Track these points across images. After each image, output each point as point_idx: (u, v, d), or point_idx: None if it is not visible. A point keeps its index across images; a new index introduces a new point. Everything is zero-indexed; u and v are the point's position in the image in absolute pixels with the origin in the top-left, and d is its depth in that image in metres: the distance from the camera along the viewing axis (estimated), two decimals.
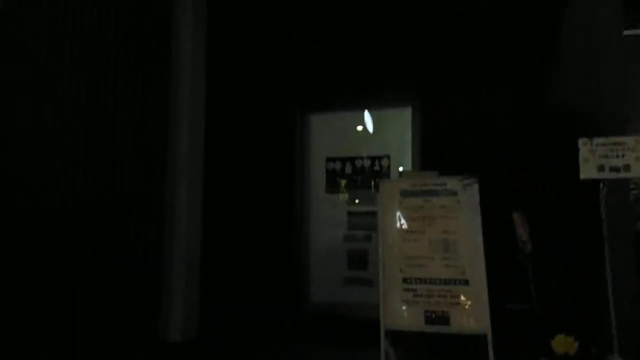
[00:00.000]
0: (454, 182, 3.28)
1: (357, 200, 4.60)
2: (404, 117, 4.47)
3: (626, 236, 3.48)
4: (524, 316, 3.37)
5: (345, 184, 4.63)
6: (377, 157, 4.57)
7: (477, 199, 3.19)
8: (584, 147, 3.10)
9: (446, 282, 3.11)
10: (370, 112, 4.66)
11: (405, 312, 3.13)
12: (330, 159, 4.70)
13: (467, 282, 3.08)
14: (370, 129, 4.67)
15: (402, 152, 4.46)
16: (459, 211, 3.22)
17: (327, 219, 4.66)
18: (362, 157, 4.62)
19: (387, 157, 4.55)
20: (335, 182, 4.67)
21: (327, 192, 4.68)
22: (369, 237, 4.47)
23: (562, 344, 3.03)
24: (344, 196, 4.64)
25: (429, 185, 3.32)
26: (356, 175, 4.62)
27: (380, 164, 4.56)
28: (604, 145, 3.07)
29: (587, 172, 3.08)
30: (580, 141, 3.10)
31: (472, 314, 3.02)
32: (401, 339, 3.20)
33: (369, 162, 4.60)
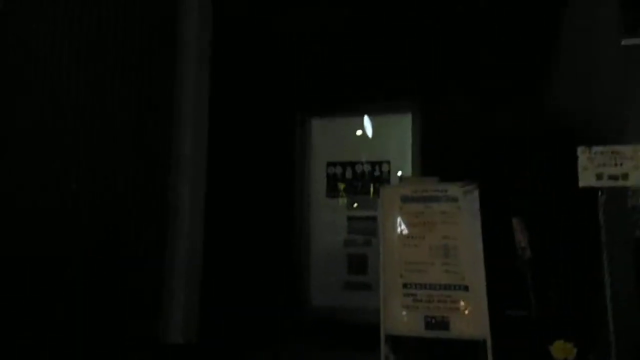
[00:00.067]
0: (454, 188, 3.29)
1: (355, 204, 4.60)
2: (404, 122, 4.48)
3: (625, 243, 3.51)
4: (522, 322, 3.39)
5: (344, 187, 4.65)
6: (377, 163, 4.58)
7: (478, 205, 3.21)
8: (583, 155, 3.13)
9: (446, 287, 3.12)
10: (370, 118, 4.67)
11: (405, 317, 3.14)
12: (330, 164, 4.70)
13: (466, 288, 3.09)
14: (370, 134, 4.69)
15: (402, 157, 4.47)
16: (459, 217, 3.23)
17: (327, 224, 4.65)
18: (363, 162, 4.62)
19: (388, 162, 4.56)
20: (335, 186, 4.67)
21: (328, 197, 4.68)
22: (369, 242, 4.46)
23: (561, 349, 3.06)
24: (344, 200, 4.65)
25: (430, 191, 3.34)
26: (356, 180, 4.62)
27: (380, 169, 4.57)
28: (602, 153, 3.10)
29: (586, 180, 3.11)
30: (579, 149, 3.14)
31: (471, 319, 3.03)
32: (401, 343, 3.20)
33: (369, 167, 4.60)
